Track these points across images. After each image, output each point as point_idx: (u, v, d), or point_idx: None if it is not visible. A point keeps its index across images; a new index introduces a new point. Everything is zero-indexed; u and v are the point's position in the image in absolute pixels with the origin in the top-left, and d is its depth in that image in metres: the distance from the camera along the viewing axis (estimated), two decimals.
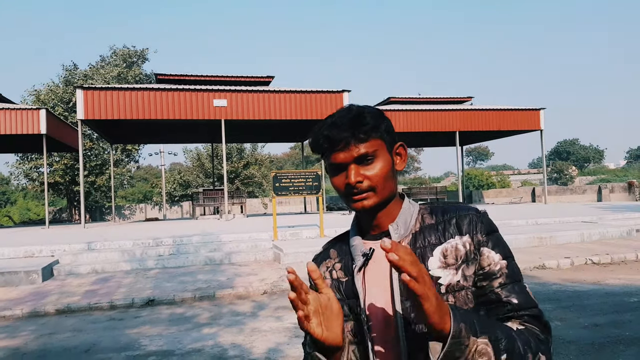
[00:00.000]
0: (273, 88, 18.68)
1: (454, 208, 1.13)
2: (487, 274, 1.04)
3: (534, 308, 1.03)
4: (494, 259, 1.05)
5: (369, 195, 1.07)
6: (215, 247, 10.53)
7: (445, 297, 1.03)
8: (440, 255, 1.06)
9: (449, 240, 1.07)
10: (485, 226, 1.08)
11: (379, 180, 1.07)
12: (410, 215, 1.13)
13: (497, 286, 1.03)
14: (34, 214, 44.74)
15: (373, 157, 1.07)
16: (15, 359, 4.87)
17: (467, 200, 31.28)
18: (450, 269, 1.05)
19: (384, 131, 1.09)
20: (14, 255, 10.12)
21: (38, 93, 29.77)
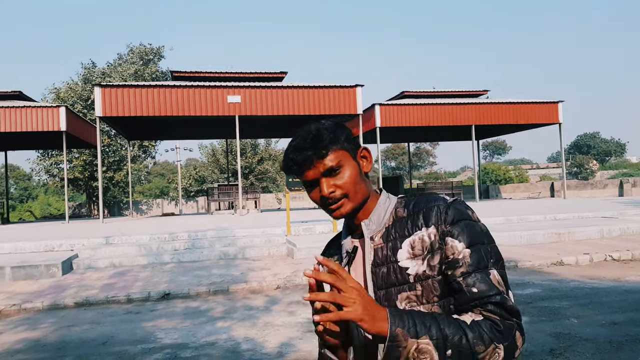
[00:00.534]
0: (286, 84, 18.75)
1: (424, 200, 1.18)
2: (450, 262, 1.08)
3: (496, 295, 1.05)
4: (457, 248, 1.08)
5: (343, 202, 1.15)
6: (229, 242, 10.66)
7: (414, 285, 1.10)
8: (408, 247, 1.12)
9: (416, 232, 1.12)
10: (450, 216, 1.11)
11: (350, 187, 1.14)
12: (385, 210, 1.20)
13: (458, 275, 1.07)
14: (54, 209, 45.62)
15: (339, 168, 1.14)
16: (36, 350, 5.03)
17: (483, 195, 31.01)
18: (417, 259, 1.10)
19: (343, 141, 1.17)
20: (35, 250, 10.39)
21: (58, 91, 30.30)
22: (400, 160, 69.55)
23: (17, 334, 5.67)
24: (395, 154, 69.96)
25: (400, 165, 70.73)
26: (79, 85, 31.10)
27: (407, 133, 28.14)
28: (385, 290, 1.13)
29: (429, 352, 0.97)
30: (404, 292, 1.11)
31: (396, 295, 1.11)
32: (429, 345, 0.97)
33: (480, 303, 1.05)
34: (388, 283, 1.13)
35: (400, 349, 0.97)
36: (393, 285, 1.12)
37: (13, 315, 6.61)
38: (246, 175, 36.82)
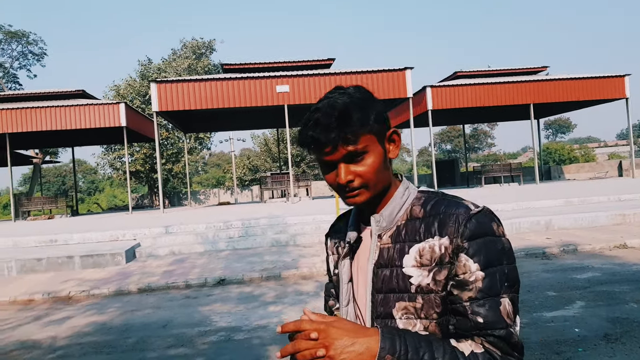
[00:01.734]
0: (334, 70, 18.73)
1: (445, 202, 1.05)
2: (460, 282, 0.97)
3: (501, 329, 0.94)
4: (470, 268, 0.97)
5: (360, 192, 1.04)
6: (281, 230, 10.90)
7: (415, 296, 1.00)
8: (416, 254, 1.01)
9: (427, 239, 1.01)
10: (470, 230, 0.98)
11: (371, 177, 1.03)
12: (400, 205, 1.08)
13: (466, 299, 0.96)
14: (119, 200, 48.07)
15: (363, 154, 1.02)
16: (103, 332, 5.41)
17: (545, 176, 29.78)
18: (423, 269, 1.00)
19: (373, 123, 1.02)
20: (102, 239, 11.06)
21: (118, 88, 31.74)
22: (457, 142, 67.86)
23: (87, 317, 6.11)
24: (451, 136, 68.32)
25: (457, 148, 69.04)
26: (136, 81, 32.43)
27: (461, 115, 27.41)
28: (384, 295, 1.04)
29: None
30: (403, 302, 1.01)
31: (394, 302, 1.02)
32: None
33: (483, 333, 0.95)
34: (388, 288, 1.03)
35: None
36: (393, 291, 1.03)
37: (83, 300, 7.11)
38: (298, 163, 37.23)
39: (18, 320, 6.22)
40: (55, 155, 38.46)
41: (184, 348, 4.69)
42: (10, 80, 38.92)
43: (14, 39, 37.46)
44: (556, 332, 4.42)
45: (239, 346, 4.64)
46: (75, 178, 28.77)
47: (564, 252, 8.14)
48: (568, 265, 7.24)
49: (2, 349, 5.02)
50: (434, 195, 1.08)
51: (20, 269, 8.95)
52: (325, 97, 1.06)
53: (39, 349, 4.96)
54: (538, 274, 6.80)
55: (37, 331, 5.62)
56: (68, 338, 5.28)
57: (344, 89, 1.07)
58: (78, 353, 4.76)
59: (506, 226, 9.93)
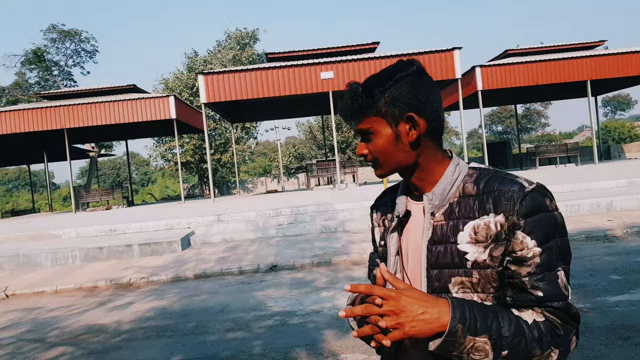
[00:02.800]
0: (378, 54, 18.46)
1: (499, 180, 1.05)
2: (517, 259, 1.00)
3: (560, 301, 0.99)
4: (527, 245, 0.99)
5: (375, 167, 1.13)
6: (329, 216, 10.93)
7: (470, 272, 1.03)
8: (471, 231, 1.03)
9: (482, 216, 1.03)
10: (525, 207, 1.00)
11: (379, 155, 1.10)
12: (453, 182, 1.09)
13: (524, 274, 1.00)
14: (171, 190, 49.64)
15: (372, 134, 1.09)
16: (164, 317, 5.62)
17: (604, 156, 28.41)
18: (479, 245, 1.02)
19: (381, 106, 1.07)
20: (157, 228, 11.47)
21: (166, 81, 32.60)
22: (508, 123, 65.67)
23: (147, 303, 6.36)
24: (502, 117, 66.09)
25: (508, 129, 66.83)
26: (184, 74, 33.19)
27: (513, 94, 26.49)
28: (439, 271, 1.06)
29: (485, 351, 0.93)
30: (459, 277, 1.04)
31: (449, 278, 1.05)
32: (487, 345, 0.93)
33: (542, 305, 1.00)
34: (443, 264, 1.06)
35: (457, 344, 0.93)
36: (448, 266, 1.05)
37: (143, 287, 7.41)
38: (343, 149, 37.16)
39: (84, 305, 6.56)
40: (110, 148, 40.13)
41: (241, 332, 4.80)
42: (66, 77, 40.77)
43: (68, 37, 39.11)
44: (622, 316, 4.25)
45: (294, 330, 4.71)
46: (129, 170, 29.89)
47: (628, 234, 7.79)
48: (632, 248, 6.91)
49: (72, 333, 5.31)
50: (486, 172, 1.09)
51: (84, 257, 9.41)
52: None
53: (106, 333, 5.21)
54: (600, 257, 6.54)
55: (102, 316, 5.91)
56: (132, 322, 5.52)
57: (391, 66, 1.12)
58: (142, 336, 4.97)
59: (564, 208, 9.65)
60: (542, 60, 19.92)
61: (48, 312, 6.41)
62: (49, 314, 6.30)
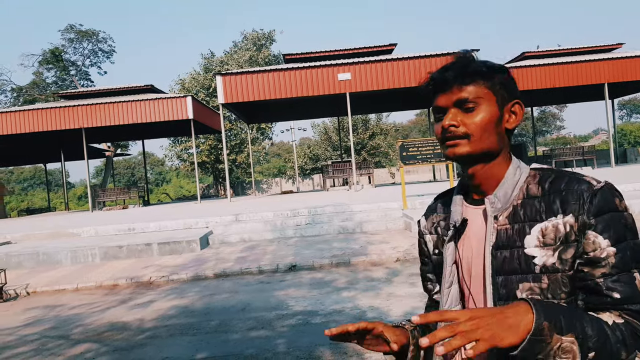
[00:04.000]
0: (395, 56, 18.44)
1: (565, 178, 1.02)
2: (590, 260, 0.95)
3: (638, 304, 0.92)
4: (600, 245, 0.94)
5: (461, 142, 1.03)
6: (347, 217, 10.95)
7: (539, 277, 0.98)
8: (538, 234, 0.99)
9: (550, 218, 0.98)
10: (596, 206, 0.96)
11: (476, 129, 1.02)
12: (515, 183, 1.05)
13: (598, 275, 0.94)
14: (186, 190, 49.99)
15: (475, 105, 1.02)
16: (186, 315, 5.68)
17: (620, 159, 28.06)
18: (547, 249, 0.98)
19: (496, 82, 1.04)
20: (176, 227, 11.58)
21: (183, 82, 32.87)
22: (523, 126, 65.04)
23: (169, 301, 6.43)
24: None
25: (523, 132, 66.23)
26: (200, 74, 33.44)
27: (529, 97, 26.23)
28: (505, 277, 1.01)
29: (572, 352, 0.85)
30: (527, 283, 0.99)
31: (517, 284, 0.99)
32: (574, 345, 0.85)
33: (619, 308, 0.93)
34: (509, 269, 1.01)
35: (543, 344, 0.84)
36: (515, 272, 1.00)
37: (163, 285, 7.49)
38: (358, 151, 37.15)
39: (106, 303, 6.65)
40: (126, 148, 40.54)
41: (264, 330, 4.84)
42: (83, 77, 41.30)
43: (85, 37, 39.63)
44: None
45: (317, 329, 4.73)
46: (145, 170, 30.18)
47: None
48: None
49: (95, 330, 5.39)
50: (549, 172, 1.06)
51: (104, 255, 9.53)
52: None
53: (129, 330, 5.28)
54: None
55: (124, 314, 5.99)
56: (154, 320, 5.58)
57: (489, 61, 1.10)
58: (165, 334, 5.03)
59: None
60: (560, 62, 19.78)
61: (70, 309, 6.51)
62: (71, 311, 6.40)
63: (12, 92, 39.59)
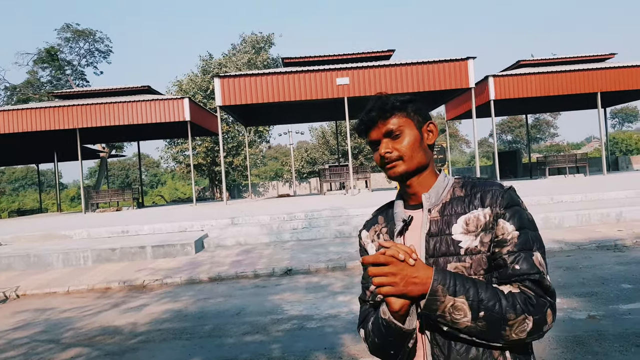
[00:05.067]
0: (394, 62, 18.46)
1: (482, 183, 1.29)
2: (499, 241, 1.20)
3: (535, 274, 1.16)
4: (507, 229, 1.20)
5: (397, 164, 1.28)
6: (343, 221, 10.89)
7: (464, 258, 1.21)
8: (463, 223, 1.24)
9: (472, 210, 1.24)
10: (505, 200, 1.23)
11: (406, 151, 1.27)
12: (444, 187, 1.31)
13: (505, 253, 1.19)
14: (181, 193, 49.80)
15: (400, 132, 1.28)
16: (180, 319, 5.60)
17: (612, 167, 28.26)
18: (470, 235, 1.22)
19: (410, 111, 1.30)
20: (170, 230, 11.47)
21: (180, 83, 32.78)
22: (518, 133, 65.36)
23: (162, 305, 6.34)
24: (512, 126, 65.80)
25: (518, 139, 66.51)
26: (198, 76, 33.35)
27: (524, 104, 26.40)
28: (436, 259, 1.24)
29: (464, 310, 1.11)
30: (453, 263, 1.21)
31: (445, 264, 1.22)
32: (464, 305, 1.11)
33: (520, 279, 1.16)
34: (439, 252, 1.24)
35: (438, 303, 1.11)
36: (444, 255, 1.23)
37: (156, 288, 7.39)
38: (356, 155, 37.12)
39: (98, 307, 6.54)
40: (121, 149, 40.32)
41: (259, 335, 4.77)
42: (78, 77, 41.08)
43: (82, 37, 39.45)
44: (635, 324, 4.26)
45: (312, 334, 4.66)
46: (140, 171, 30.01)
47: (638, 244, 7.81)
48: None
49: (87, 334, 5.29)
50: (469, 179, 1.33)
51: (96, 258, 9.42)
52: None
53: (121, 334, 5.19)
54: (611, 266, 6.55)
55: (117, 317, 5.89)
56: (147, 324, 5.49)
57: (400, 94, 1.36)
58: (158, 338, 4.94)
59: (575, 218, 9.90)
60: (554, 71, 19.96)
61: (61, 312, 6.40)
62: (62, 314, 6.29)
63: (6, 91, 39.32)
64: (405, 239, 1.31)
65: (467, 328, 1.12)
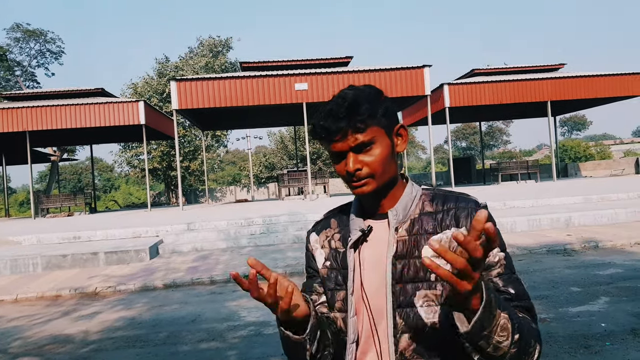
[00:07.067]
0: (352, 68, 18.72)
1: (454, 198, 1.13)
2: (486, 265, 1.04)
3: (527, 300, 1.05)
4: (492, 252, 1.03)
5: (368, 182, 1.09)
6: (302, 226, 10.94)
7: (434, 284, 1.05)
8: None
9: (445, 230, 1.05)
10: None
11: (378, 167, 1.08)
12: (412, 200, 1.14)
13: (495, 275, 1.05)
14: (135, 198, 48.54)
15: (371, 144, 1.08)
16: (133, 327, 5.50)
17: (561, 174, 29.52)
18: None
19: (381, 116, 1.09)
20: (124, 236, 11.21)
21: (135, 86, 32.05)
22: (472, 140, 67.41)
23: (115, 312, 6.21)
24: (466, 133, 67.84)
25: (472, 145, 68.57)
26: (154, 79, 32.72)
27: (478, 112, 27.23)
28: (404, 285, 1.07)
29: (507, 330, 0.90)
30: (423, 290, 1.06)
31: (414, 292, 1.06)
32: (508, 323, 0.91)
33: (514, 304, 1.02)
34: (407, 278, 1.07)
35: (491, 316, 0.88)
36: (412, 281, 1.07)
37: (109, 296, 7.23)
38: (314, 160, 37.28)
39: (48, 315, 6.34)
40: (73, 152, 38.96)
41: (215, 342, 4.75)
42: (29, 78, 39.48)
43: (32, 37, 37.98)
44: (583, 326, 4.45)
45: (269, 340, 4.69)
46: (93, 176, 29.11)
47: (586, 248, 8.14)
48: (590, 261, 7.23)
49: (36, 343, 5.13)
50: (439, 191, 1.17)
51: (46, 265, 9.11)
52: (338, 93, 1.13)
53: (72, 343, 5.06)
54: (561, 270, 6.81)
55: (68, 326, 5.73)
56: (99, 332, 5.37)
57: (355, 86, 1.13)
58: (111, 347, 4.85)
59: (526, 223, 10.12)
60: (506, 80, 20.69)
61: (8, 321, 6.17)
62: (10, 323, 6.07)
63: None
64: (361, 252, 1.15)
65: (503, 356, 0.92)
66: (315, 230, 1.29)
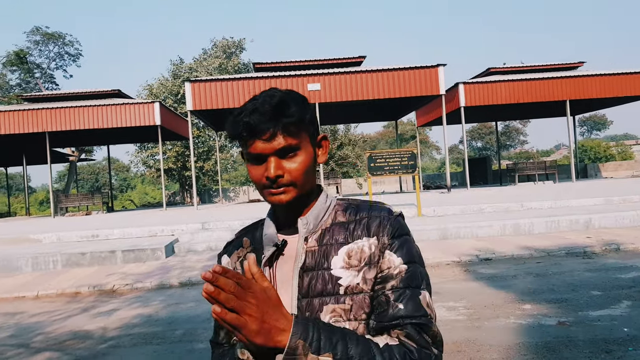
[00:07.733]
0: (365, 68, 18.69)
1: (367, 207, 1.10)
2: (384, 277, 1.01)
3: (422, 317, 0.98)
4: (394, 262, 1.02)
5: (287, 190, 1.03)
6: None
7: (343, 298, 1.01)
8: (344, 255, 1.03)
9: (356, 240, 1.04)
10: (392, 229, 1.04)
11: (300, 175, 1.03)
12: (325, 210, 1.10)
13: (388, 289, 1.00)
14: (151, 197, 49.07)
15: (296, 150, 1.02)
16: (150, 324, 5.59)
17: (580, 174, 29.09)
18: (352, 270, 1.02)
19: (308, 122, 1.05)
20: (141, 235, 11.37)
21: (151, 87, 32.41)
22: (488, 140, 66.80)
23: (133, 310, 6.31)
24: (482, 133, 67.22)
25: (488, 145, 67.95)
26: (169, 81, 33.05)
27: (494, 111, 26.99)
28: (310, 300, 1.02)
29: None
30: (331, 305, 1.01)
31: (321, 306, 1.01)
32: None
33: (402, 323, 0.97)
34: (314, 292, 1.02)
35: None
36: (320, 295, 1.02)
37: (127, 293, 7.34)
38: (326, 161, 37.29)
39: (67, 311, 6.47)
40: (91, 153, 39.55)
41: None
42: (48, 80, 40.18)
43: (51, 40, 38.64)
44: (604, 330, 4.35)
45: None
46: (110, 175, 29.50)
47: (606, 251, 7.96)
48: (611, 264, 7.09)
49: (57, 339, 5.24)
50: (354, 201, 1.14)
51: (66, 262, 9.27)
52: (262, 92, 1.07)
53: (91, 339, 5.16)
54: (580, 273, 6.68)
55: (87, 322, 5.84)
56: (118, 329, 5.47)
57: (279, 89, 1.09)
58: (129, 343, 4.93)
59: (544, 224, 9.87)
60: (524, 79, 20.40)
61: (30, 317, 6.31)
62: (32, 319, 6.20)
63: None
64: (276, 269, 1.07)
65: None
66: (227, 251, 1.21)
